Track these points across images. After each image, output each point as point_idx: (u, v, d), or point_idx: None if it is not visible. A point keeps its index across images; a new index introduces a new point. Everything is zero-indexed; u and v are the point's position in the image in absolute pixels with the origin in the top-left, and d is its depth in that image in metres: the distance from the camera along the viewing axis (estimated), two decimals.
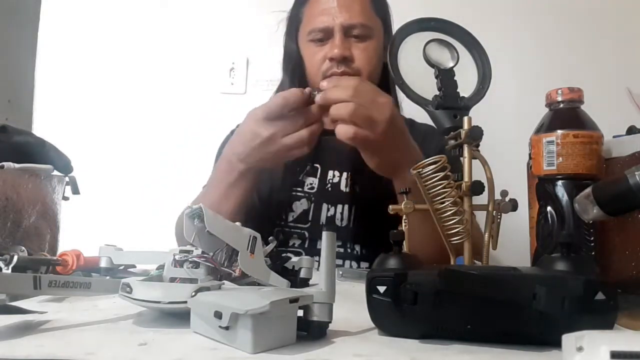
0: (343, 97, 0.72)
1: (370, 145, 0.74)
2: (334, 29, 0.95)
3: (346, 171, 1.02)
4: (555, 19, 1.55)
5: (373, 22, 0.98)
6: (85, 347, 0.37)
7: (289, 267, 0.66)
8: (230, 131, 1.12)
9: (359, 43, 0.96)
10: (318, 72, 0.97)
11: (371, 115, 0.72)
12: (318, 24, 0.96)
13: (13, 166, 0.68)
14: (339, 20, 0.95)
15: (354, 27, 0.95)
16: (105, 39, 1.61)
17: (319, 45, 0.97)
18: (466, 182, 0.51)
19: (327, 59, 0.95)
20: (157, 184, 1.50)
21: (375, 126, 0.72)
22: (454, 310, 0.40)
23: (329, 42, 0.96)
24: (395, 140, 0.75)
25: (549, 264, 0.42)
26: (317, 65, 0.97)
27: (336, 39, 0.94)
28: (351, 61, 0.95)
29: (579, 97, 0.60)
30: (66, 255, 0.65)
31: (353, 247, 1.00)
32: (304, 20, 1.01)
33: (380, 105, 0.73)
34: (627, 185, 0.43)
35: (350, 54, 0.95)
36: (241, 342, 0.37)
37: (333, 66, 0.95)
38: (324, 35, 0.96)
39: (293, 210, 1.01)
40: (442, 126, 0.57)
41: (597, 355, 0.28)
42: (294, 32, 1.04)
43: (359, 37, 0.96)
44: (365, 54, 0.96)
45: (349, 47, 0.95)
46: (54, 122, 1.55)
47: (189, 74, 1.59)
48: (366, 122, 0.72)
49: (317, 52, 0.97)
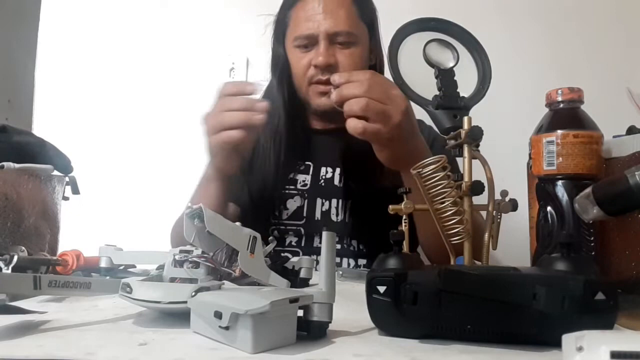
0: (357, 93, 0.71)
1: (381, 139, 0.74)
2: (319, 36, 0.95)
3: (339, 167, 1.02)
4: (556, 19, 1.55)
5: (358, 28, 0.98)
6: (85, 347, 0.37)
7: (289, 267, 0.66)
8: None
9: (344, 49, 0.96)
10: (304, 77, 0.98)
11: (385, 109, 0.71)
12: (303, 30, 0.97)
13: (13, 166, 0.68)
14: (324, 27, 0.95)
15: (338, 35, 0.95)
16: (105, 39, 1.61)
17: (304, 51, 0.98)
18: (466, 182, 0.51)
19: (312, 66, 0.96)
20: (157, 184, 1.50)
21: (389, 119, 0.72)
22: (454, 310, 0.40)
23: (313, 48, 0.96)
24: (407, 133, 0.75)
25: (549, 264, 0.42)
26: (303, 71, 0.98)
27: (321, 47, 0.95)
28: (336, 68, 0.95)
29: (579, 97, 0.60)
30: (66, 255, 0.65)
31: (350, 242, 1.00)
32: (290, 24, 1.01)
33: (393, 97, 0.72)
34: (627, 185, 0.43)
35: (335, 61, 0.95)
36: (241, 342, 0.37)
37: (318, 73, 0.96)
38: (308, 42, 0.97)
39: (287, 208, 1.01)
40: (442, 126, 0.57)
41: (597, 355, 0.28)
42: (281, 35, 1.04)
43: (343, 44, 0.96)
44: (350, 60, 0.96)
45: (333, 53, 0.95)
46: (54, 122, 1.55)
47: (189, 74, 1.59)
48: (379, 116, 0.71)
49: (303, 58, 0.98)
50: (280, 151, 1.01)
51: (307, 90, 0.99)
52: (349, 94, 0.72)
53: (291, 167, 1.03)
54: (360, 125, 0.71)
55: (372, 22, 1.03)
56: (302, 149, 1.04)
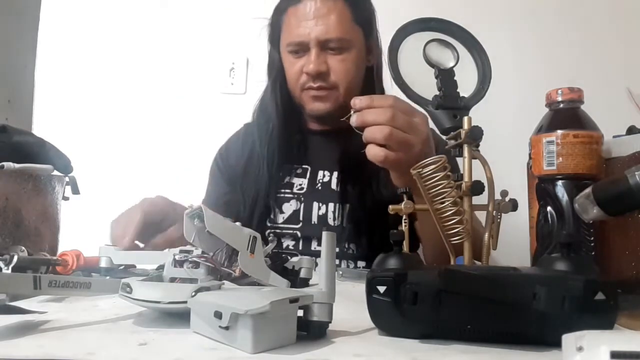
0: (380, 121, 0.69)
1: (401, 167, 0.72)
2: (309, 43, 0.94)
3: (336, 171, 1.02)
4: (556, 19, 1.55)
5: (351, 32, 0.97)
6: (85, 347, 0.37)
7: (289, 267, 0.66)
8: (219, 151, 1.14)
9: (336, 55, 0.95)
10: (296, 83, 0.98)
11: (407, 138, 0.70)
12: (294, 37, 0.96)
13: (13, 166, 0.68)
14: (314, 34, 0.93)
15: (330, 41, 0.94)
16: (105, 39, 1.61)
17: (296, 57, 0.97)
18: (466, 182, 0.51)
19: (303, 72, 0.96)
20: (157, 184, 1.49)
21: (411, 148, 0.70)
22: (454, 310, 0.40)
23: (305, 54, 0.96)
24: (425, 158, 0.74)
25: (549, 264, 0.42)
26: (295, 77, 0.98)
27: (312, 54, 0.94)
28: (327, 75, 0.95)
29: (579, 97, 0.60)
30: (66, 255, 0.65)
31: (348, 246, 1.00)
32: (283, 29, 1.00)
33: (416, 126, 0.71)
34: (627, 185, 0.43)
35: (326, 68, 0.95)
36: (241, 342, 0.37)
37: (309, 80, 0.95)
38: (300, 48, 0.96)
39: (283, 212, 1.01)
40: (442, 126, 0.57)
41: (597, 355, 0.28)
42: (276, 39, 1.03)
43: (335, 49, 0.95)
44: (343, 66, 0.95)
45: (325, 60, 0.95)
46: (54, 122, 1.55)
47: (189, 74, 1.59)
48: (402, 145, 0.70)
49: (295, 64, 0.97)
50: (273, 156, 1.01)
51: (301, 95, 0.99)
52: (372, 120, 0.70)
53: (287, 170, 1.03)
54: (382, 153, 0.70)
55: (369, 22, 1.01)
56: (299, 152, 1.04)
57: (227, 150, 1.13)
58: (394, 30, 0.61)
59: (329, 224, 0.99)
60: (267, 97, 1.05)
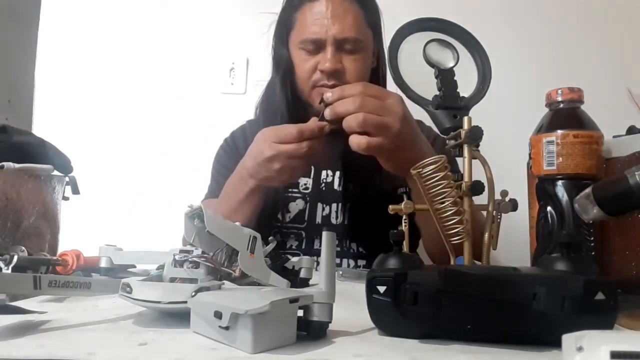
0: (351, 109, 0.71)
1: (385, 151, 0.74)
2: (326, 41, 0.94)
3: (339, 170, 1.02)
4: (556, 19, 1.55)
5: (364, 34, 0.97)
6: (85, 347, 0.37)
7: (289, 267, 0.66)
8: (224, 139, 1.13)
9: (350, 55, 0.95)
10: (308, 80, 0.97)
11: (382, 121, 0.71)
12: (310, 34, 0.95)
13: (13, 166, 0.68)
14: (332, 32, 0.93)
15: (346, 41, 0.94)
16: (105, 39, 1.61)
17: (309, 54, 0.97)
18: (466, 182, 0.51)
19: (317, 70, 0.95)
20: (157, 184, 1.50)
21: (388, 130, 0.71)
22: (454, 310, 0.40)
23: (319, 52, 0.95)
24: (409, 138, 0.75)
25: (549, 264, 0.42)
26: (308, 74, 0.97)
27: (328, 52, 0.94)
28: (342, 74, 0.94)
29: (579, 97, 0.60)
30: (66, 255, 0.65)
31: (350, 245, 1.00)
32: (295, 26, 1.00)
33: (389, 107, 0.72)
34: (627, 185, 0.43)
35: (341, 66, 0.94)
36: (241, 342, 0.37)
37: (323, 78, 0.95)
38: (315, 46, 0.96)
39: (289, 211, 1.01)
40: (442, 126, 0.57)
41: (597, 355, 0.28)
42: (285, 36, 1.02)
43: (350, 49, 0.95)
44: (356, 65, 0.96)
45: (340, 59, 0.95)
46: (54, 122, 1.55)
47: (189, 74, 1.59)
48: (378, 128, 0.71)
49: (308, 61, 0.97)
50: None
51: (310, 93, 0.98)
52: (344, 110, 0.72)
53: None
54: (364, 140, 0.71)
55: (377, 25, 1.02)
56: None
57: (233, 139, 1.12)
58: (394, 30, 0.61)
59: (332, 223, 1.00)
60: (274, 92, 1.03)
